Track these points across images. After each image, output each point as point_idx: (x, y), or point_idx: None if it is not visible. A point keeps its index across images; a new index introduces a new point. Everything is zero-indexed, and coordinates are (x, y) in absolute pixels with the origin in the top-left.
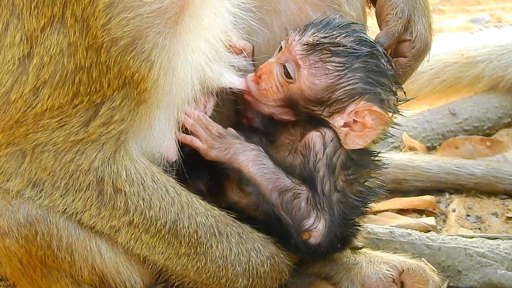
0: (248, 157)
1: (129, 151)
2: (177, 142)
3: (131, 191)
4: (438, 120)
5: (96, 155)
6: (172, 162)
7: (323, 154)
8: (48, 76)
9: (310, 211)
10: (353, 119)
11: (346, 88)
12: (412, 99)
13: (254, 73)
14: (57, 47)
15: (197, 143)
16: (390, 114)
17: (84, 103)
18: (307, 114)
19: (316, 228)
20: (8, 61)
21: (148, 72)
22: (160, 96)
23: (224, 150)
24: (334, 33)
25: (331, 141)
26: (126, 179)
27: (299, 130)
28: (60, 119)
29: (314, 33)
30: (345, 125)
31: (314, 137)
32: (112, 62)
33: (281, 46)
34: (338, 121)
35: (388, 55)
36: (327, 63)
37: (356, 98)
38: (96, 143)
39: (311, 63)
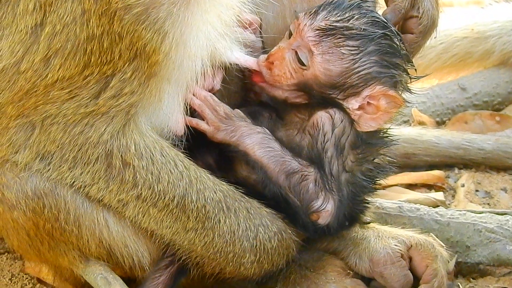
0: (254, 141)
1: (138, 125)
2: (185, 116)
3: (139, 165)
4: (448, 95)
5: (105, 128)
6: (181, 136)
7: (332, 135)
8: (59, 46)
9: (319, 192)
10: (367, 102)
11: (361, 72)
12: (423, 77)
13: (266, 58)
14: (71, 15)
15: (203, 125)
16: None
17: (95, 75)
18: (321, 97)
19: (325, 209)
20: (21, 31)
21: (160, 44)
22: (171, 69)
23: (231, 133)
24: (346, 15)
25: (341, 121)
26: (135, 153)
27: (308, 110)
28: (70, 91)
29: (325, 17)
30: (359, 108)
31: (323, 117)
32: (125, 32)
33: (290, 31)
34: (352, 104)
35: (399, 33)
36: (341, 48)
37: (371, 82)
38: (106, 115)
39: (325, 49)
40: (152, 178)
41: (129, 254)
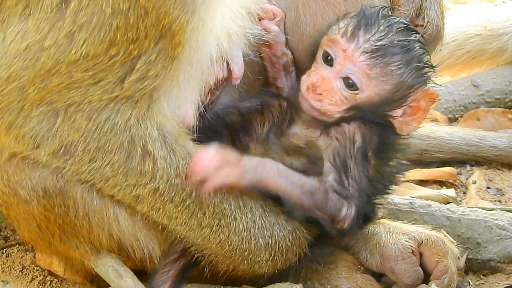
0: (272, 175)
1: (161, 109)
2: (197, 106)
3: (160, 154)
4: (460, 92)
5: (131, 112)
6: (191, 128)
7: (362, 143)
8: (85, 20)
9: (342, 201)
10: (409, 105)
11: (408, 82)
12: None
13: (310, 89)
14: None
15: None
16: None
17: (121, 55)
18: (370, 114)
19: (349, 216)
20: (46, 7)
21: (186, 23)
22: (193, 51)
23: (255, 174)
24: (381, 29)
25: (369, 128)
26: (157, 138)
27: None
28: (95, 74)
29: (366, 37)
30: (402, 114)
31: (355, 130)
32: (151, 6)
33: (327, 56)
34: (397, 112)
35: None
36: (390, 65)
37: (415, 87)
38: (131, 100)
39: (379, 70)
40: (170, 169)
41: (139, 247)
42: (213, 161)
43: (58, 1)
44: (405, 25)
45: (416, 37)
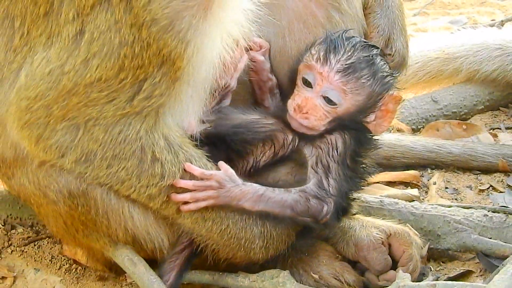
0: (249, 202)
1: (166, 122)
2: (199, 118)
3: (167, 159)
4: (422, 106)
5: (140, 125)
6: (193, 136)
7: (343, 150)
8: (97, 49)
9: (322, 203)
10: (380, 110)
11: (376, 90)
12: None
13: (297, 110)
14: (106, 24)
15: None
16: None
17: (129, 79)
18: (349, 123)
19: (330, 211)
20: (65, 38)
21: (183, 51)
22: (191, 73)
23: (229, 200)
24: (348, 49)
25: (349, 138)
26: (164, 146)
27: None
28: (108, 94)
29: (337, 59)
30: (375, 118)
31: (338, 137)
32: (152, 39)
33: (306, 80)
34: (371, 117)
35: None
36: (361, 79)
37: (383, 94)
38: (140, 115)
39: (352, 85)
40: (176, 170)
41: (151, 240)
42: (196, 183)
43: (74, 34)
44: (365, 43)
45: (376, 51)
